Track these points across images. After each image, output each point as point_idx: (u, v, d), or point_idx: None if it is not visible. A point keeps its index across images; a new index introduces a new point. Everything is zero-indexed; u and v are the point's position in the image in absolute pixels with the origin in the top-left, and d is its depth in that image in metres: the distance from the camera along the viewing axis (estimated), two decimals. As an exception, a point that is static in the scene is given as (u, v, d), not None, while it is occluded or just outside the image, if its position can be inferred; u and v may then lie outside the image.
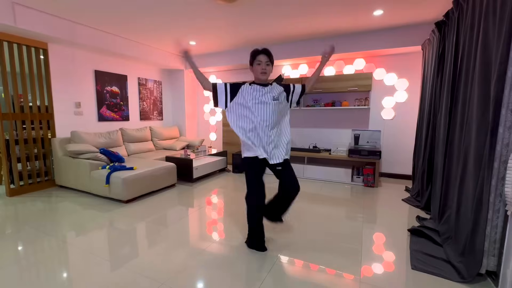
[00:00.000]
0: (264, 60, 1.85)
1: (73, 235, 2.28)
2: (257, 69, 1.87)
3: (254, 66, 1.88)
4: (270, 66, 1.88)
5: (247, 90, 1.89)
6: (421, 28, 3.54)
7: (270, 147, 1.89)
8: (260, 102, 1.86)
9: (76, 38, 3.52)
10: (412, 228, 2.32)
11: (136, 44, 4.42)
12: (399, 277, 1.72)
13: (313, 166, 4.28)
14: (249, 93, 1.88)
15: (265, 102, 1.87)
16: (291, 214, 2.76)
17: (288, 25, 3.62)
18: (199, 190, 3.65)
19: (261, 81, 1.92)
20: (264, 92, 1.89)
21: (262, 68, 1.85)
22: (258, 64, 1.86)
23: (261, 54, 1.85)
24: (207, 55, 5.26)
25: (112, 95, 4.54)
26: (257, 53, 1.86)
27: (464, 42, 2.11)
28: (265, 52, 1.85)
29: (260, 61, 1.85)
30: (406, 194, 3.46)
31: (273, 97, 1.88)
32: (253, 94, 1.88)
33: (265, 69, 1.85)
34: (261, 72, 1.86)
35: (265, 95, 1.88)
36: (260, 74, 1.87)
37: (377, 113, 4.26)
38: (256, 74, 1.89)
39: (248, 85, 1.92)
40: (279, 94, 1.93)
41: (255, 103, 1.86)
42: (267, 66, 1.86)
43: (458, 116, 2.15)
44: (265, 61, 1.85)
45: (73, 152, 3.38)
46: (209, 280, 1.68)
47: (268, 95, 1.88)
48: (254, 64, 1.88)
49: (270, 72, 1.90)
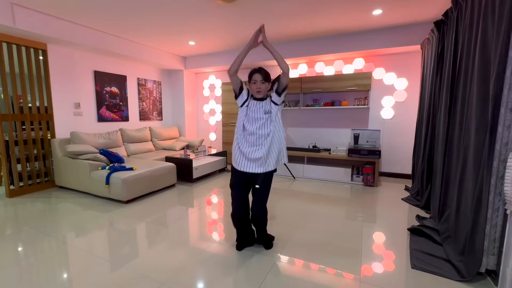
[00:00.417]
0: (259, 79, 1.89)
1: (73, 236, 2.28)
2: (253, 88, 1.92)
3: (251, 85, 1.94)
4: (266, 84, 1.92)
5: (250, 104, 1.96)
6: (420, 28, 3.55)
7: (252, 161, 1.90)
8: (255, 118, 1.92)
9: (75, 39, 3.52)
10: (412, 227, 2.32)
11: (135, 45, 4.41)
12: (399, 276, 1.72)
13: (312, 166, 4.28)
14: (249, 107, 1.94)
15: (259, 118, 1.92)
16: (292, 214, 2.76)
17: (287, 25, 3.62)
18: (199, 190, 3.66)
19: (257, 98, 1.96)
20: (259, 106, 1.94)
21: (257, 87, 1.90)
22: (253, 83, 1.91)
23: (256, 73, 1.90)
24: (207, 55, 5.26)
25: (112, 96, 4.54)
26: (252, 72, 1.92)
27: (463, 41, 2.11)
28: (260, 71, 1.90)
29: (256, 80, 1.90)
30: (405, 193, 3.47)
31: (265, 110, 1.93)
32: (250, 108, 1.94)
33: (260, 87, 1.90)
34: (256, 91, 1.92)
35: (259, 110, 1.93)
36: (256, 93, 1.93)
37: (376, 113, 4.27)
38: (253, 92, 1.95)
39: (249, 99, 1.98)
40: (270, 106, 1.96)
41: (250, 118, 1.92)
42: (262, 85, 1.90)
43: (458, 115, 2.15)
44: (259, 80, 1.89)
45: (73, 152, 3.38)
46: (209, 280, 1.68)
47: (262, 109, 1.93)
48: (250, 83, 1.94)
49: (267, 89, 1.95)
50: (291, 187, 3.85)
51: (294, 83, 4.53)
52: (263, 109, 1.93)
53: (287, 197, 3.33)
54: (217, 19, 3.38)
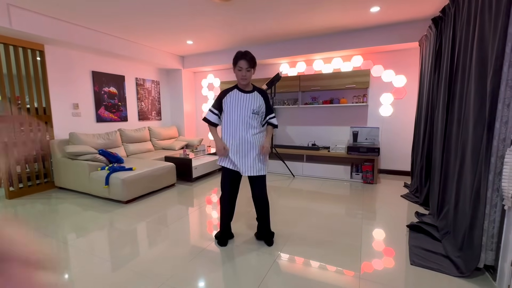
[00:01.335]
0: (245, 66, 1.86)
1: (73, 237, 2.28)
2: (238, 75, 1.90)
3: (236, 71, 1.91)
4: (251, 71, 1.90)
5: (230, 99, 1.95)
6: (418, 24, 3.55)
7: (238, 158, 1.94)
8: (239, 114, 1.92)
9: (73, 39, 3.51)
10: (411, 224, 2.34)
11: (133, 44, 4.40)
12: (398, 273, 1.73)
13: (312, 164, 4.28)
14: (231, 102, 1.94)
15: (244, 115, 1.91)
16: (292, 212, 2.77)
17: (285, 23, 3.61)
18: (199, 190, 3.66)
19: (242, 86, 1.96)
20: (244, 101, 1.92)
21: (242, 75, 1.88)
22: (239, 70, 1.88)
23: (242, 60, 1.85)
24: (205, 54, 5.24)
25: (110, 96, 4.53)
26: (238, 58, 1.87)
27: (461, 37, 2.11)
28: (245, 57, 1.85)
29: (241, 68, 1.87)
30: (405, 190, 3.48)
31: (252, 110, 1.93)
32: (234, 103, 1.93)
33: (245, 75, 1.88)
34: (241, 78, 1.90)
35: (245, 106, 1.92)
36: (241, 80, 1.91)
37: (375, 110, 4.27)
38: (237, 79, 1.93)
39: (231, 93, 1.96)
40: (259, 108, 1.96)
41: (234, 112, 1.92)
42: (247, 72, 1.87)
43: (456, 111, 2.16)
44: (245, 68, 1.86)
45: (72, 153, 3.38)
46: (210, 278, 1.69)
47: (248, 106, 1.92)
48: (236, 69, 1.90)
49: (251, 76, 1.93)
50: (291, 185, 3.85)
51: (293, 81, 4.52)
52: (251, 106, 1.92)
53: (286, 195, 3.34)
54: (214, 18, 3.37)
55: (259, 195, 2.02)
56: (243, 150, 1.94)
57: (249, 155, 1.94)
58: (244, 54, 1.85)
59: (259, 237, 2.17)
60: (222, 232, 2.12)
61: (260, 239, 2.16)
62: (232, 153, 1.95)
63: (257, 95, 1.97)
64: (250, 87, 1.99)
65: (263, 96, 2.00)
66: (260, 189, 2.01)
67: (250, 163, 1.94)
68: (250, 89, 1.98)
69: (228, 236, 2.16)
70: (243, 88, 1.97)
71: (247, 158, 1.94)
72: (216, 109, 2.00)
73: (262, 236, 2.14)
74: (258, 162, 1.96)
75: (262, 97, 1.99)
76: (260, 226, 2.15)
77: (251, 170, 1.94)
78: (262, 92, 2.02)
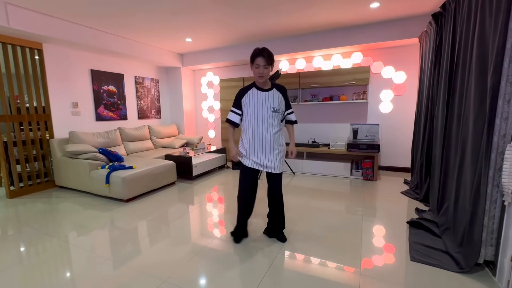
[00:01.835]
0: (262, 64, 1.83)
1: (74, 235, 2.29)
2: (255, 72, 1.87)
3: (253, 69, 1.89)
4: (269, 68, 1.87)
5: (249, 98, 1.93)
6: (418, 20, 3.53)
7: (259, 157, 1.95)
8: (259, 113, 1.90)
9: (71, 38, 3.49)
10: (411, 220, 2.34)
11: (132, 42, 4.38)
12: (398, 268, 1.74)
13: (312, 161, 4.29)
14: (250, 102, 1.92)
15: (264, 114, 1.90)
16: (293, 209, 2.78)
17: (285, 19, 3.59)
18: (199, 188, 3.67)
19: (260, 84, 1.93)
20: (264, 100, 1.90)
21: (259, 72, 1.85)
22: (256, 67, 1.86)
23: (259, 57, 1.83)
24: (204, 51, 5.22)
25: (109, 95, 4.52)
26: (255, 55, 1.85)
27: (461, 33, 2.10)
28: (263, 54, 1.82)
29: (258, 65, 1.84)
30: (405, 187, 3.48)
31: (272, 108, 1.91)
32: (253, 103, 1.91)
33: (263, 73, 1.85)
34: (258, 76, 1.87)
35: (265, 105, 1.90)
36: (258, 78, 1.88)
37: (375, 107, 4.26)
38: (255, 76, 1.90)
39: (249, 92, 1.94)
40: (278, 105, 1.94)
41: (254, 112, 1.91)
42: (264, 70, 1.85)
43: (456, 108, 2.15)
44: (263, 65, 1.83)
45: (72, 152, 3.38)
46: (211, 276, 1.70)
47: (268, 104, 1.90)
48: (253, 67, 1.88)
49: (269, 74, 1.91)
50: (291, 182, 3.86)
51: (293, 78, 4.51)
52: (270, 104, 1.91)
53: (287, 193, 3.35)
54: (213, 14, 3.35)
55: (276, 191, 2.04)
56: (264, 150, 1.93)
57: (270, 154, 1.94)
58: (262, 51, 1.83)
59: (271, 234, 2.18)
60: (239, 228, 2.13)
61: (272, 236, 2.17)
62: (253, 153, 1.95)
63: (276, 92, 1.94)
64: (269, 85, 1.96)
65: (281, 92, 1.98)
66: (277, 185, 2.04)
67: (271, 161, 1.94)
68: (269, 87, 1.95)
69: (243, 234, 2.17)
70: (261, 86, 1.93)
71: (268, 156, 1.94)
72: (238, 109, 1.98)
73: (274, 233, 2.15)
74: (278, 160, 1.97)
75: (281, 94, 1.97)
76: (272, 223, 2.16)
77: (274, 168, 1.95)
78: (281, 88, 1.99)
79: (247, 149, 1.97)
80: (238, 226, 2.13)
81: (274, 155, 1.95)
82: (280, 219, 2.11)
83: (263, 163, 1.95)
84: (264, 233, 2.23)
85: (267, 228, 2.21)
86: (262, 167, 1.96)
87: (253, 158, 1.95)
